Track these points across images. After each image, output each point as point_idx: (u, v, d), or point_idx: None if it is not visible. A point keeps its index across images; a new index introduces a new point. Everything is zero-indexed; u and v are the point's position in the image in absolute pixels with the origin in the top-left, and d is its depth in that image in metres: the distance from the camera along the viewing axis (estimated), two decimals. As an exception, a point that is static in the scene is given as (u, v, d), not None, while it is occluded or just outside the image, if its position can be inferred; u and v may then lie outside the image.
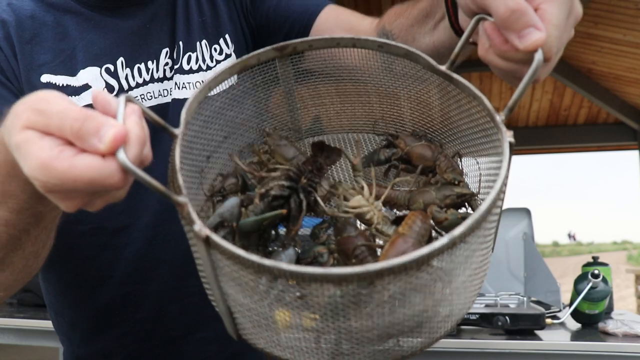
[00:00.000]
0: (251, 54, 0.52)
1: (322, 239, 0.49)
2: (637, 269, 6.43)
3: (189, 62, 0.77)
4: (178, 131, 0.43)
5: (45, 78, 0.71)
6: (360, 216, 0.48)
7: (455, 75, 0.49)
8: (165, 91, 0.75)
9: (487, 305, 1.42)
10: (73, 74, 0.71)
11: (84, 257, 0.74)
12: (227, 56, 0.81)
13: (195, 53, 0.78)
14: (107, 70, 0.72)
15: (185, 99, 0.74)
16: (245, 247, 0.41)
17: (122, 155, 0.35)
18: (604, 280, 1.41)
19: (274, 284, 0.35)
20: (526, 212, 1.90)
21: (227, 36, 0.81)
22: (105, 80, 0.72)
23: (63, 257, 0.71)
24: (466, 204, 0.51)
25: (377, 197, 0.50)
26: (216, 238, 0.36)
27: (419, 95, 0.56)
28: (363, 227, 0.50)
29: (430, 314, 0.39)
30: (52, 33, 0.73)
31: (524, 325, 1.31)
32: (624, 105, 5.47)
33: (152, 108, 0.73)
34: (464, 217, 0.47)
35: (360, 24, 0.80)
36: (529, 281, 1.75)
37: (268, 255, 0.48)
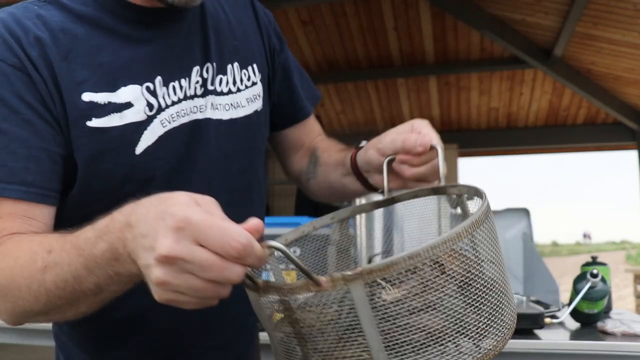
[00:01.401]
0: (310, 223, 0.68)
1: None
2: (635, 268, 6.42)
3: (220, 84, 0.79)
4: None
5: (86, 97, 0.68)
6: None
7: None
8: (195, 108, 0.76)
9: (486, 305, 1.43)
10: (113, 89, 0.70)
11: None
12: (254, 84, 0.83)
13: (225, 76, 0.80)
14: (148, 89, 0.72)
15: (217, 120, 0.78)
16: None
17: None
18: (603, 279, 1.41)
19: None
20: (525, 212, 1.90)
21: (254, 65, 0.84)
22: (146, 99, 0.72)
23: None
24: None
25: None
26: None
27: None
28: None
29: None
30: (85, 47, 0.70)
31: (523, 325, 1.31)
32: (623, 106, 5.47)
33: (185, 125, 0.75)
34: None
35: (318, 136, 0.99)
36: (528, 281, 1.76)
37: None
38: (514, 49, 4.82)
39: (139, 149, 0.71)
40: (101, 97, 0.69)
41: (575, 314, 1.43)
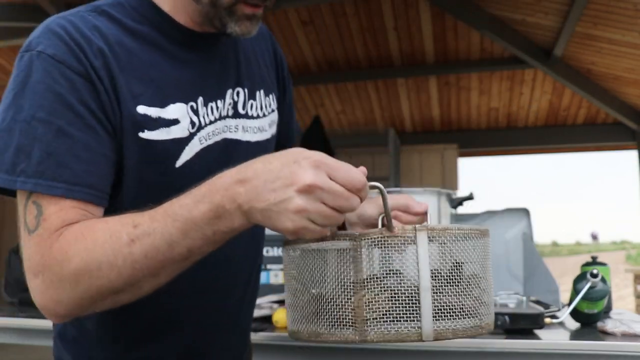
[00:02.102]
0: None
1: None
2: (635, 268, 6.42)
3: (251, 108, 0.87)
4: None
5: (141, 109, 0.73)
6: None
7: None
8: (226, 127, 0.83)
9: (486, 305, 1.43)
10: (162, 105, 0.75)
11: None
12: (272, 111, 0.93)
13: (255, 101, 0.88)
14: (192, 108, 0.78)
15: (247, 141, 0.86)
16: None
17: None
18: (603, 279, 1.41)
19: None
20: (525, 212, 1.90)
21: (272, 95, 0.93)
22: (190, 117, 0.77)
23: None
24: None
25: None
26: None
27: None
28: None
29: None
30: (138, 61, 0.74)
31: (523, 325, 1.31)
32: (623, 106, 5.47)
33: (217, 143, 0.81)
34: None
35: None
36: (528, 281, 1.76)
37: None
38: (514, 49, 4.82)
39: (178, 163, 0.76)
40: (153, 112, 0.74)
41: (575, 314, 1.43)
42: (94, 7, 0.75)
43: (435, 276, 0.63)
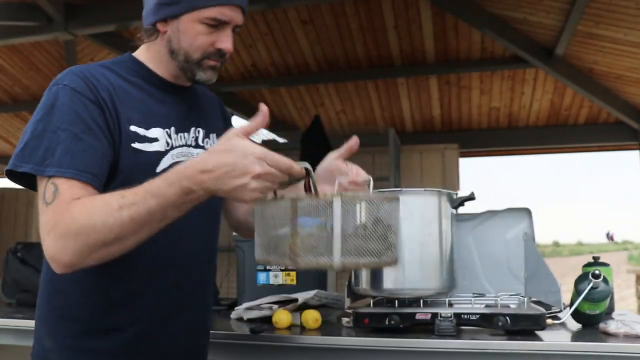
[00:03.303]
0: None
1: None
2: (637, 269, 6.42)
3: (207, 144, 1.19)
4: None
5: (133, 128, 1.06)
6: None
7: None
8: (190, 154, 1.14)
9: (487, 306, 1.42)
10: (147, 128, 1.08)
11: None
12: None
13: (210, 140, 1.20)
14: (167, 133, 1.11)
15: None
16: None
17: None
18: (605, 280, 1.40)
19: None
20: (526, 212, 1.88)
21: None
22: (165, 139, 1.10)
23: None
24: None
25: None
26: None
27: None
28: None
29: None
30: (132, 98, 1.08)
31: (524, 326, 1.30)
32: (625, 105, 5.45)
33: (182, 162, 1.03)
34: None
35: None
36: (529, 281, 1.74)
37: None
38: (515, 48, 4.80)
39: (158, 169, 1.07)
40: (141, 131, 1.07)
41: (577, 314, 1.43)
42: (101, 64, 1.10)
43: (347, 226, 0.88)
